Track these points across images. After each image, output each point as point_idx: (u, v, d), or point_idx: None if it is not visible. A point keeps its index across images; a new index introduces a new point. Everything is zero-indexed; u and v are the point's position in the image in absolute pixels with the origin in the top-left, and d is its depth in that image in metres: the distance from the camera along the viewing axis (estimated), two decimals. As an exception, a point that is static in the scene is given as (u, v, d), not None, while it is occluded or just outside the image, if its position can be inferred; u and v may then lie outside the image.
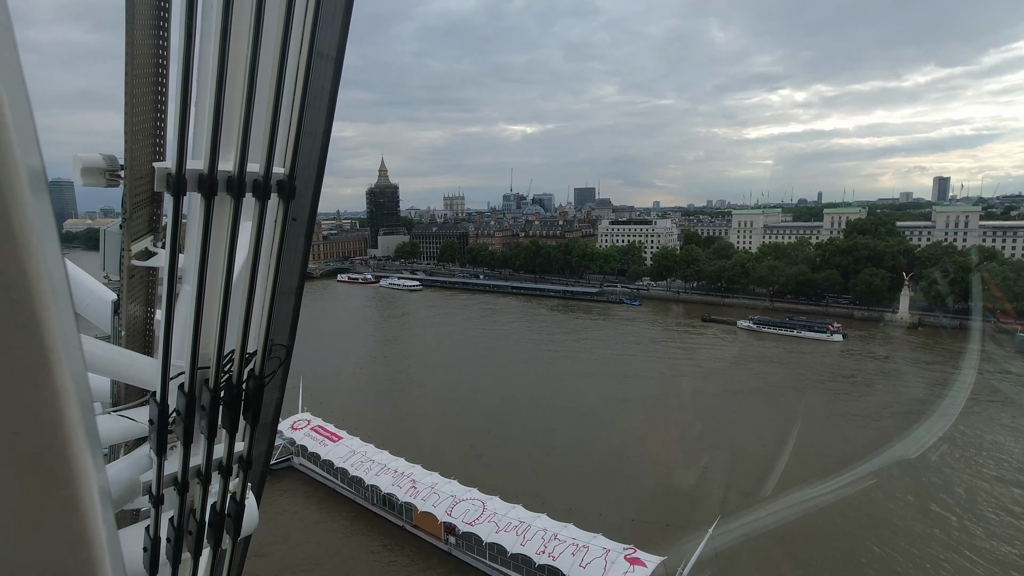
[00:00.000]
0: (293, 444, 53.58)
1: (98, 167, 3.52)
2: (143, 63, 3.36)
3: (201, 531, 3.14)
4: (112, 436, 3.85)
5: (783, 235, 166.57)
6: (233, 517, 3.26)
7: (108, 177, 3.59)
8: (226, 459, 3.06)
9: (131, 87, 3.36)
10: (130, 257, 3.87)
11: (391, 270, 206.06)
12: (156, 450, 2.78)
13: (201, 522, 3.13)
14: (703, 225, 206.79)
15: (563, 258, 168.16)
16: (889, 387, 74.70)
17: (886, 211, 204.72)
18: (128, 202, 3.68)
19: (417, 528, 42.69)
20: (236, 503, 3.26)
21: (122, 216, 3.80)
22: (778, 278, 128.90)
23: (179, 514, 3.05)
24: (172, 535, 3.06)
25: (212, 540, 3.24)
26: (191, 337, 2.59)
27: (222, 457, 3.06)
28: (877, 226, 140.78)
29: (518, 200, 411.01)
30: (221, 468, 3.10)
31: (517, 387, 76.59)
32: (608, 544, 36.59)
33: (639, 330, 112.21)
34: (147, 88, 3.48)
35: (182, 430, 2.77)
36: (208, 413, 2.81)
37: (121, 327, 4.22)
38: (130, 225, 3.80)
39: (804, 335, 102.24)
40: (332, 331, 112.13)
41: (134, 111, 3.43)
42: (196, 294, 2.51)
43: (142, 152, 3.59)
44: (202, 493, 3.10)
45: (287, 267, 4.34)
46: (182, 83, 2.15)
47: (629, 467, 51.63)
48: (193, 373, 2.70)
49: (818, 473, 48.06)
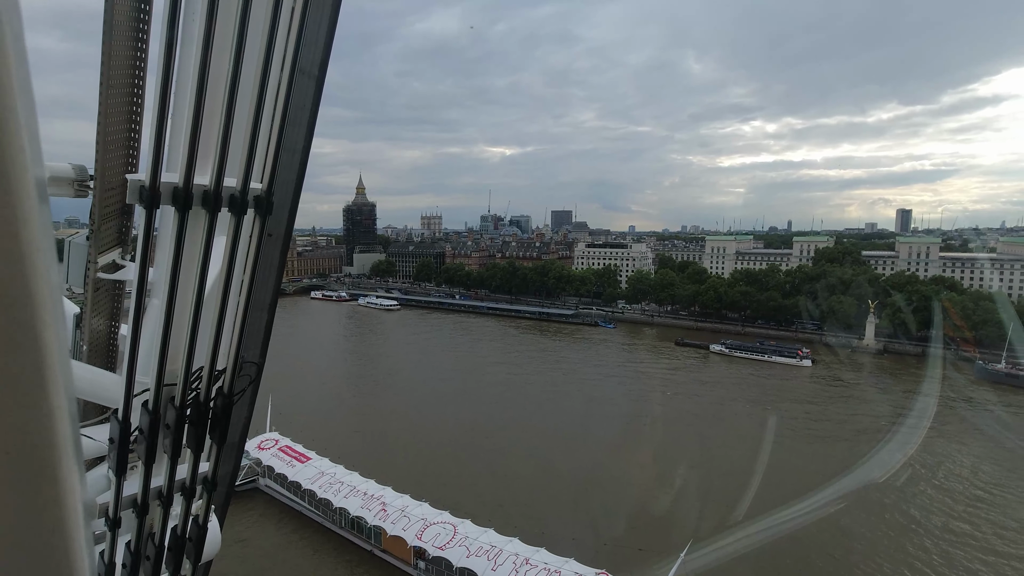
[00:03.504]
0: (259, 464, 52.02)
1: (66, 177, 3.43)
2: (119, 72, 3.30)
3: (160, 556, 3.01)
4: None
5: (755, 261, 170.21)
6: (194, 541, 3.14)
7: (76, 187, 3.49)
8: (189, 480, 2.95)
9: (106, 96, 3.30)
10: (96, 269, 3.75)
11: (366, 288, 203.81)
12: (116, 470, 2.67)
13: (160, 546, 3.00)
14: (677, 250, 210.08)
15: (539, 280, 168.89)
16: (855, 411, 76.23)
17: (853, 240, 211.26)
18: (97, 213, 3.58)
19: (386, 552, 41.64)
20: (198, 526, 3.14)
21: (89, 227, 3.69)
22: (750, 303, 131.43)
23: (137, 538, 2.91)
24: (129, 560, 2.92)
25: (171, 565, 3.11)
26: (158, 352, 2.51)
27: (185, 478, 2.95)
28: (844, 255, 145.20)
29: (496, 221, 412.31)
30: (184, 489, 2.99)
31: (491, 409, 76.03)
32: (580, 569, 36.18)
33: (613, 352, 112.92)
34: (122, 98, 3.42)
35: (144, 449, 2.67)
36: (173, 432, 2.72)
37: (83, 341, 4.07)
38: (98, 237, 3.70)
39: (775, 360, 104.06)
40: (307, 350, 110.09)
41: (108, 121, 3.36)
42: (165, 309, 2.44)
43: (114, 163, 3.51)
44: (163, 516, 2.97)
45: (261, 282, 4.26)
46: (160, 94, 2.11)
47: (601, 490, 51.42)
48: (159, 390, 2.61)
49: (788, 497, 48.46)
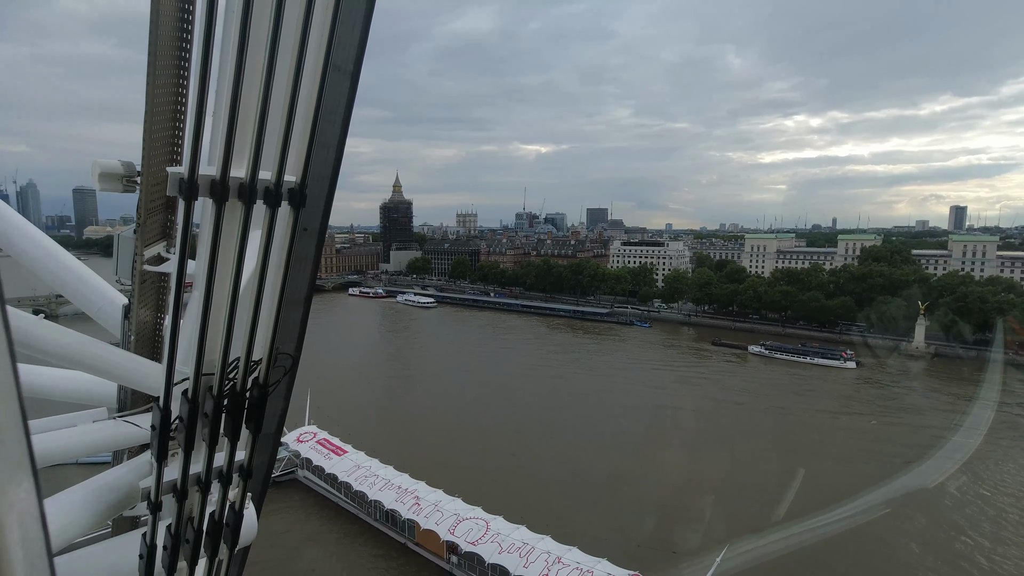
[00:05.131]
0: (298, 456, 53.44)
1: (116, 172, 3.58)
2: (164, 72, 3.43)
3: (198, 540, 3.11)
4: (116, 441, 3.85)
5: (796, 260, 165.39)
6: (231, 527, 3.23)
7: (125, 183, 3.65)
8: (226, 467, 3.03)
9: (151, 96, 3.42)
10: (142, 262, 3.90)
11: (402, 285, 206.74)
12: (156, 456, 2.77)
13: (199, 531, 3.10)
14: (715, 248, 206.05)
15: (574, 278, 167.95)
16: (904, 417, 73.20)
17: (901, 239, 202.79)
18: (143, 207, 3.73)
19: (419, 546, 42.19)
20: (235, 512, 3.23)
21: (136, 221, 3.84)
22: (791, 303, 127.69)
23: (177, 522, 3.02)
24: (169, 543, 3.03)
25: (209, 549, 3.20)
26: (196, 343, 2.59)
27: (222, 465, 3.04)
28: (892, 254, 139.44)
29: (530, 219, 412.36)
30: (221, 476, 3.08)
31: (523, 407, 76.17)
32: (613, 570, 35.86)
33: (649, 353, 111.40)
34: (167, 96, 3.55)
35: (184, 437, 2.76)
36: (211, 420, 2.81)
37: (131, 332, 4.24)
38: (144, 230, 3.84)
39: (816, 362, 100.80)
40: (345, 345, 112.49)
41: (153, 119, 3.49)
42: (203, 300, 2.51)
43: (159, 159, 3.64)
44: (201, 501, 3.07)
45: (297, 277, 4.35)
46: (198, 90, 2.18)
47: (635, 492, 50.87)
48: (197, 379, 2.70)
49: (831, 500, 46.95)
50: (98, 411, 4.39)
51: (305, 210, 4.16)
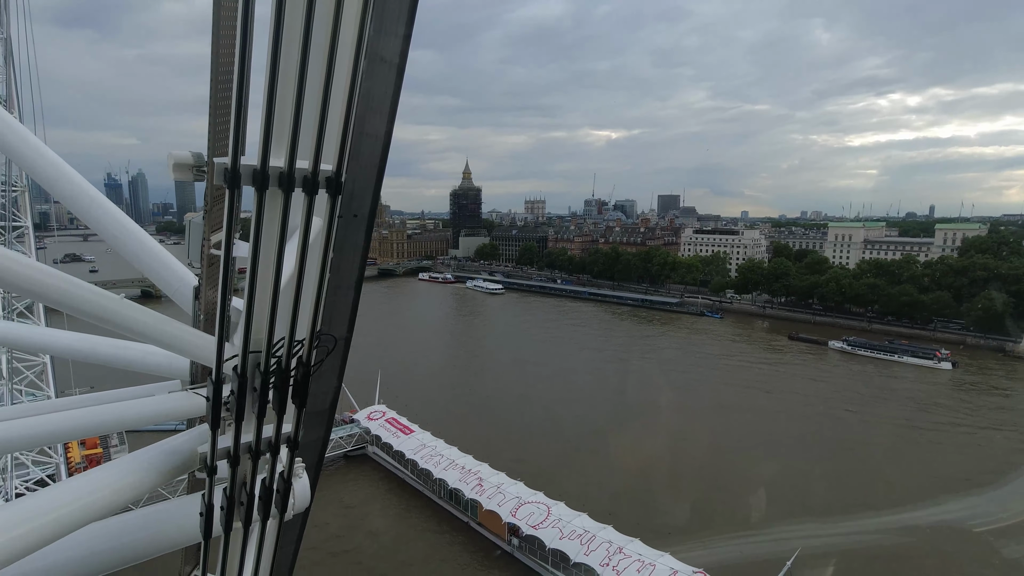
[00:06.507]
0: (368, 433, 55.97)
1: (187, 163, 3.86)
2: (223, 66, 3.66)
3: (251, 503, 3.37)
4: (185, 411, 4.21)
5: (886, 251, 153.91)
6: (281, 493, 3.46)
7: (195, 172, 3.93)
8: (274, 438, 3.26)
9: (214, 90, 3.67)
10: (209, 246, 4.20)
11: (470, 271, 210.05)
12: (211, 424, 3.02)
13: (251, 495, 3.35)
14: (795, 237, 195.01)
15: (643, 266, 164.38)
16: (1011, 426, 66.89)
17: (1012, 228, 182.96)
18: (210, 195, 4.01)
19: (481, 526, 43.23)
20: (284, 480, 3.46)
21: (204, 209, 4.14)
22: (878, 297, 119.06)
23: (231, 485, 3.28)
24: (224, 504, 3.30)
25: (262, 513, 3.46)
26: (243, 323, 2.79)
27: (271, 436, 3.27)
28: (1000, 245, 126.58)
29: (599, 206, 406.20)
30: (271, 447, 3.31)
31: (588, 395, 76.00)
32: (676, 565, 35.26)
33: (720, 345, 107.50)
34: (226, 90, 3.78)
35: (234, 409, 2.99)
36: (259, 395, 3.02)
37: (200, 311, 4.59)
38: (211, 217, 4.14)
39: (906, 360, 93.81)
40: (415, 329, 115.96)
41: (216, 112, 3.73)
42: (248, 283, 2.70)
43: (222, 149, 3.90)
44: (252, 468, 3.32)
45: (346, 262, 4.55)
46: (237, 82, 2.33)
47: (701, 494, 49.71)
48: (245, 356, 2.90)
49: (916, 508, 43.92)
50: (173, 383, 4.80)
51: (354, 198, 4.34)
